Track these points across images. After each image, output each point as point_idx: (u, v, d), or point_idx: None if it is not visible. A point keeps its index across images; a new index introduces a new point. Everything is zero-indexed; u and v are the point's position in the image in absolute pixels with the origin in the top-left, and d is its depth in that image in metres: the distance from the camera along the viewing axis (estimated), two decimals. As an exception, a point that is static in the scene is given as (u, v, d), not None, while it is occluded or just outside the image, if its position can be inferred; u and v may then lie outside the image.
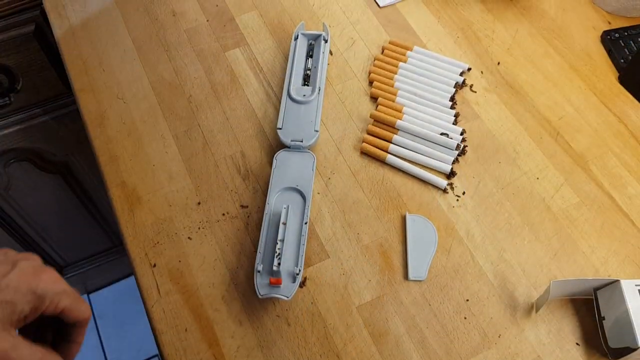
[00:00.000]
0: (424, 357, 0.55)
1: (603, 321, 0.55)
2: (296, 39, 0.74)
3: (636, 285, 0.53)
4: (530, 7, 0.81)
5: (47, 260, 1.33)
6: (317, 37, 0.74)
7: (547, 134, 0.69)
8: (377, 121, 0.69)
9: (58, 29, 0.78)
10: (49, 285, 0.39)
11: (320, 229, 0.62)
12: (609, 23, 0.79)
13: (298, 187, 0.62)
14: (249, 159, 0.67)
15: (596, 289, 0.56)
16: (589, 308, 0.57)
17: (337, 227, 0.62)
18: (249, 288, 0.58)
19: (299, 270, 0.56)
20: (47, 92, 0.98)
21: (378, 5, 0.81)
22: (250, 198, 0.64)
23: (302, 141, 0.64)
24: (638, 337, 0.50)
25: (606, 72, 0.74)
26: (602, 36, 0.77)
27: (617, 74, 0.74)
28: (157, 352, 1.54)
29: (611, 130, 0.69)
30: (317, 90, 0.68)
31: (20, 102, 0.97)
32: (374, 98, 0.72)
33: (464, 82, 0.73)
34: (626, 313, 0.51)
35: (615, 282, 0.54)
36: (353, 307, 0.57)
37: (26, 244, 1.22)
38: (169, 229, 0.62)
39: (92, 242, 1.38)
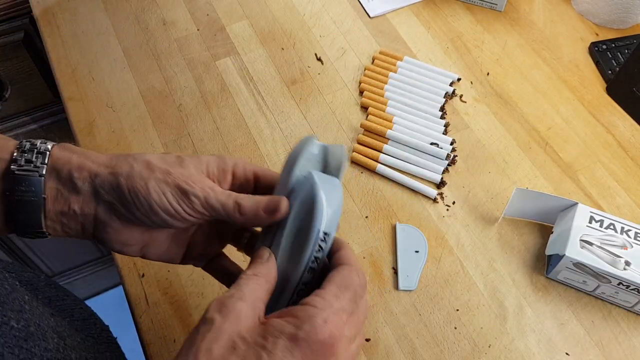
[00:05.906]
0: (414, 368, 0.55)
1: (551, 234, 0.60)
2: None
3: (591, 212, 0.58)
4: (519, 19, 0.82)
5: (34, 270, 1.31)
6: None
7: (536, 144, 0.69)
8: (368, 131, 0.69)
9: (47, 37, 0.78)
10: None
11: (311, 239, 0.61)
12: (597, 35, 0.80)
13: None
14: (239, 168, 0.66)
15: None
16: (579, 318, 0.57)
17: (327, 236, 0.62)
18: (238, 298, 0.58)
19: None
20: (36, 100, 0.98)
21: (368, 16, 0.82)
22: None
23: None
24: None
25: (594, 83, 0.75)
26: (589, 47, 0.78)
27: (605, 85, 0.75)
28: (145, 363, 1.51)
29: (599, 141, 0.70)
30: None
31: (8, 110, 0.96)
32: (364, 108, 0.72)
33: (453, 92, 0.73)
34: (569, 231, 0.56)
35: (574, 205, 0.59)
36: (343, 317, 0.57)
37: (13, 254, 1.21)
38: (158, 239, 0.61)
39: (80, 252, 1.37)
